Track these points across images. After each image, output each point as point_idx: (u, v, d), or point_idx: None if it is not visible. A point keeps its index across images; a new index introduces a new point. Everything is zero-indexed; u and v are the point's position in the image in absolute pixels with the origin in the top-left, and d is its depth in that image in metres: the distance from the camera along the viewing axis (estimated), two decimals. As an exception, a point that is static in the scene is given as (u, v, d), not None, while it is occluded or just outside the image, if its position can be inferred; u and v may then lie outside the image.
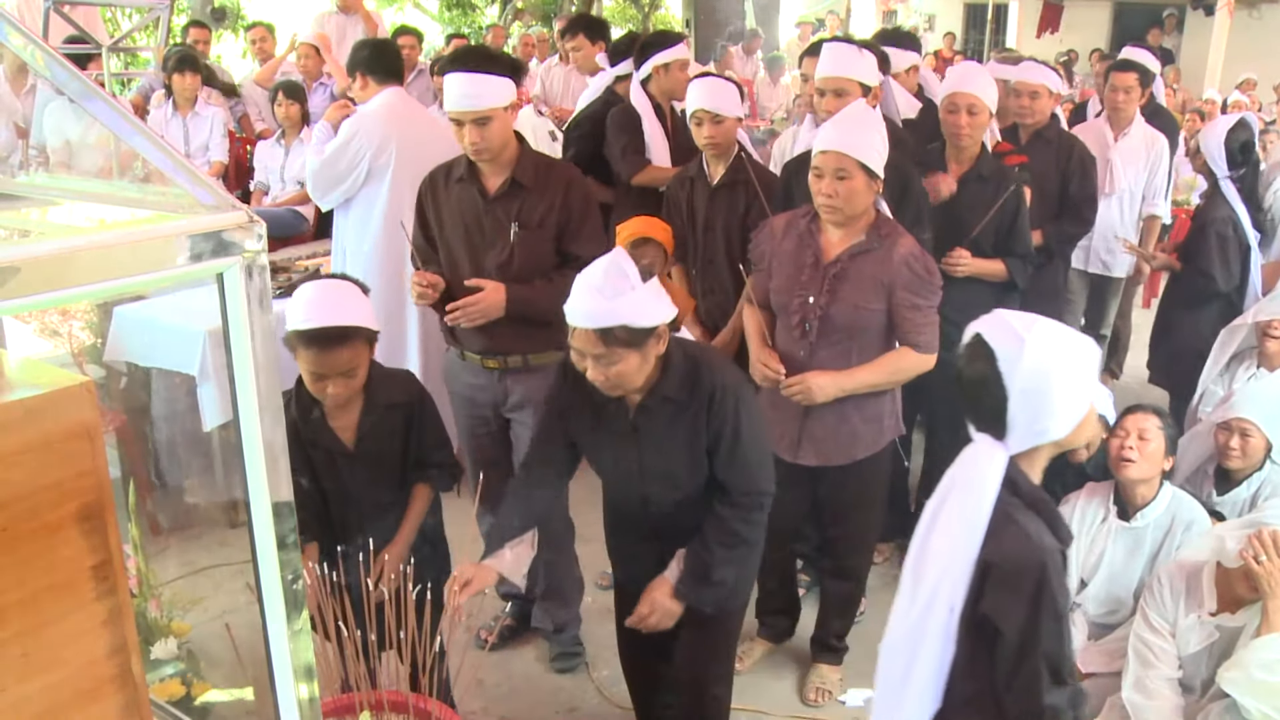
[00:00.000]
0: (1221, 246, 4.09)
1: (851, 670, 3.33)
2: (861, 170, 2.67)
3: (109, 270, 0.89)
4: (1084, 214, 4.09)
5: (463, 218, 2.95)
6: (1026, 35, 15.16)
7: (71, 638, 1.08)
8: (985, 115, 3.50)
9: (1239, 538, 2.66)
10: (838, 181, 2.67)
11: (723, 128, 3.47)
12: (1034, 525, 1.73)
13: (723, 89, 3.52)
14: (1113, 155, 4.62)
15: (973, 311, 3.47)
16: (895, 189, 3.21)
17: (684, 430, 2.32)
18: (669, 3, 18.12)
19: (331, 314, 2.37)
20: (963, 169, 3.56)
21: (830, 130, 2.73)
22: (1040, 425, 1.74)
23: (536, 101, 7.80)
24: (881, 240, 2.75)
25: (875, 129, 2.73)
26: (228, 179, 6.15)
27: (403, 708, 2.10)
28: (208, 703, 2.17)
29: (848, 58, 3.29)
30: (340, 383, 2.42)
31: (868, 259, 2.75)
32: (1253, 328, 3.73)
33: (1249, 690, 2.44)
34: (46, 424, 1.03)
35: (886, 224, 2.80)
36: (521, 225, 2.89)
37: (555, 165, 3.10)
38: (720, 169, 3.55)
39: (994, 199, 3.48)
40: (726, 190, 3.53)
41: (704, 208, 3.57)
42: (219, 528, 3.94)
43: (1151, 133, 4.76)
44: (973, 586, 1.71)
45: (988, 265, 3.53)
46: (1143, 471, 3.00)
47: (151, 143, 0.99)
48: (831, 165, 2.68)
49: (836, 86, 3.25)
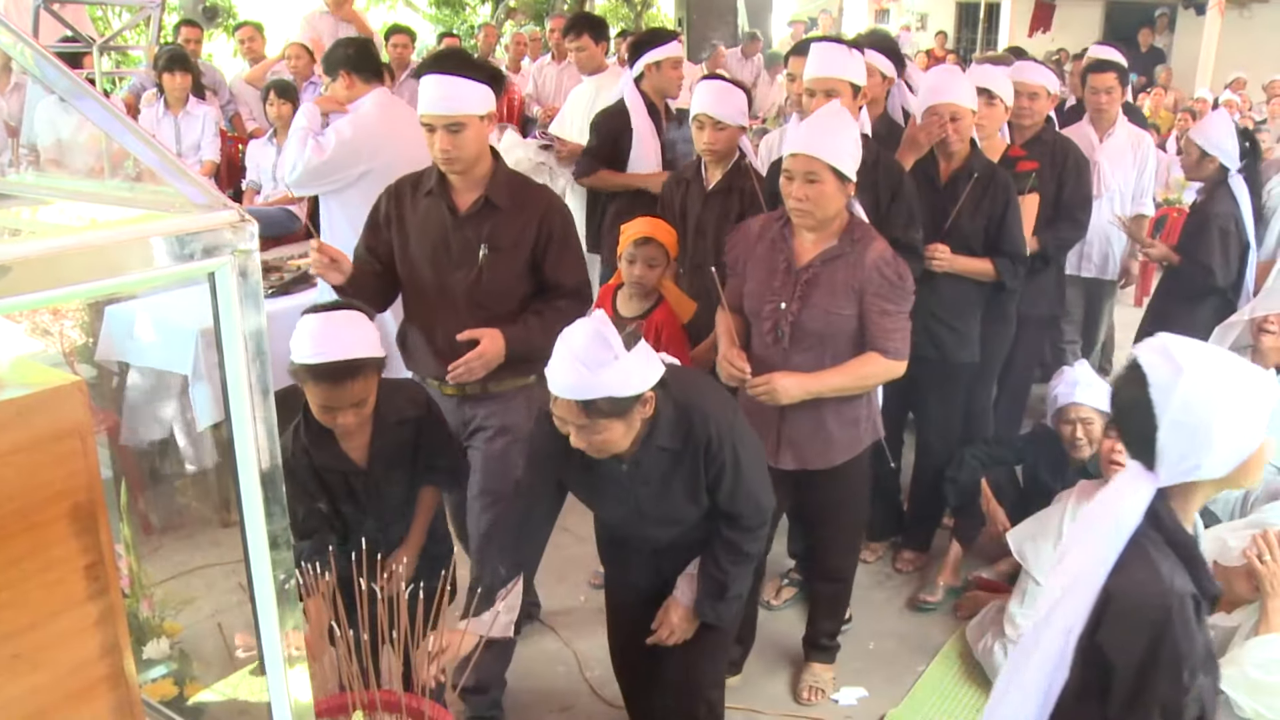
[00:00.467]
0: (1224, 241, 4.10)
1: (844, 669, 3.33)
2: (832, 174, 2.63)
3: (100, 269, 0.89)
4: (1079, 218, 4.09)
5: (429, 234, 2.80)
6: (1018, 34, 15.17)
7: (63, 638, 1.08)
8: (968, 118, 3.46)
9: (1242, 537, 2.68)
10: (808, 185, 2.63)
11: (724, 134, 3.41)
12: (1167, 564, 1.62)
13: (728, 95, 3.45)
14: (1099, 157, 4.59)
15: (963, 311, 3.54)
16: (887, 188, 3.20)
17: (681, 476, 2.31)
18: (661, 2, 18.11)
19: (339, 347, 2.32)
20: (953, 166, 3.53)
21: (801, 133, 2.70)
22: (1192, 461, 1.62)
23: (529, 101, 7.80)
24: (854, 244, 2.71)
25: (847, 131, 2.69)
26: (219, 178, 6.14)
27: (395, 707, 2.10)
28: (200, 703, 2.17)
29: (837, 58, 3.24)
30: (351, 413, 2.40)
31: (840, 264, 2.71)
32: (1247, 325, 3.73)
33: (1244, 688, 2.45)
34: (38, 424, 1.03)
35: (859, 227, 2.77)
36: (492, 247, 2.75)
37: (532, 186, 2.95)
38: (717, 174, 3.50)
39: (982, 196, 3.45)
40: (721, 195, 3.47)
41: (696, 211, 3.51)
42: (211, 527, 3.93)
43: (1137, 132, 4.74)
44: (1093, 614, 1.64)
45: (975, 264, 3.49)
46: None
47: (143, 142, 0.98)
48: (801, 168, 2.64)
49: (826, 87, 3.20)
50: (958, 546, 3.79)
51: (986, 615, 3.41)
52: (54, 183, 1.23)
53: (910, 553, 3.94)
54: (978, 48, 14.78)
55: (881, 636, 3.52)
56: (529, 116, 7.58)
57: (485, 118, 2.72)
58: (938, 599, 3.68)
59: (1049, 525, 3.23)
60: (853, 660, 3.38)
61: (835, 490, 2.97)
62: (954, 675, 3.32)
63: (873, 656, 3.42)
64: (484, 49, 9.64)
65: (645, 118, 4.23)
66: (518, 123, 7.05)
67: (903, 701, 3.19)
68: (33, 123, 5.25)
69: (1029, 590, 3.21)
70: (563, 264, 2.82)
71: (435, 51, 2.87)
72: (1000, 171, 3.55)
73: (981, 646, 3.29)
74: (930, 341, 3.50)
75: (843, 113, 2.79)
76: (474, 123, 2.68)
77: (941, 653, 3.42)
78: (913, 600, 3.72)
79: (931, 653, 3.43)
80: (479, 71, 2.72)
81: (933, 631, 3.55)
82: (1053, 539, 3.19)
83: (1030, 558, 3.22)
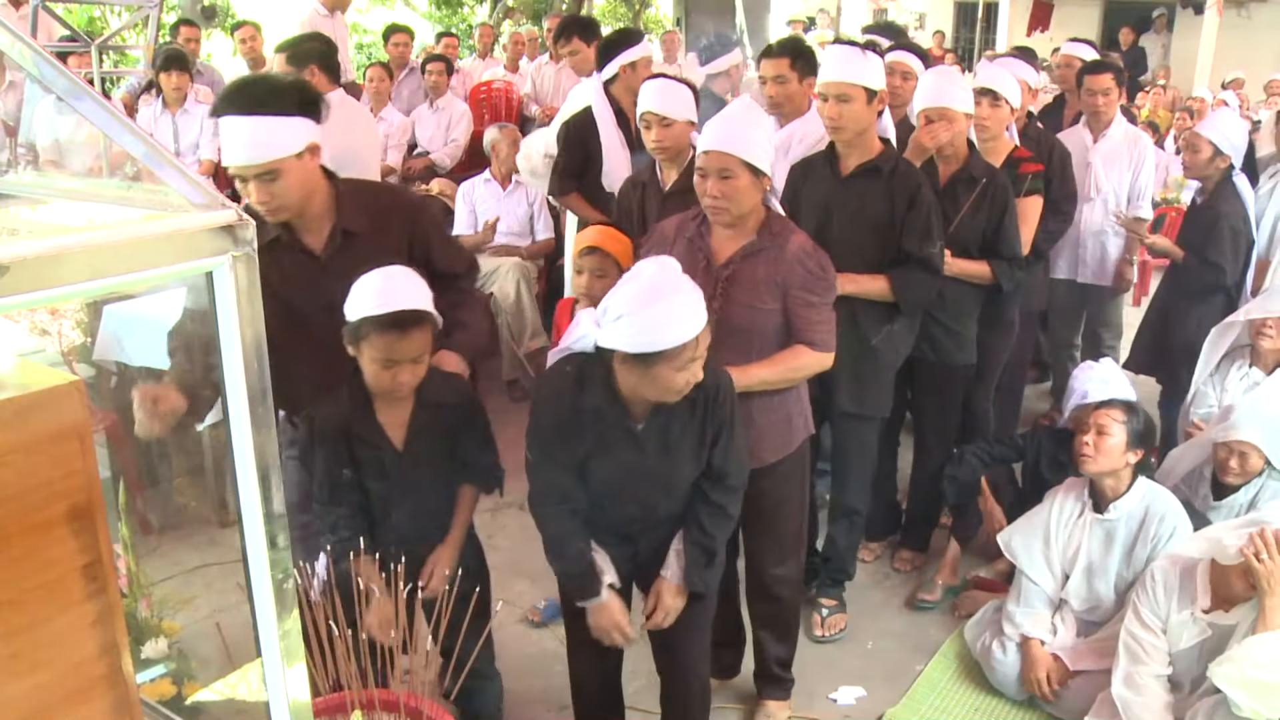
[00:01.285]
0: (1234, 240, 4.12)
1: (842, 669, 3.34)
2: (746, 168, 2.57)
3: (99, 269, 0.89)
4: (1065, 210, 4.13)
5: (290, 286, 2.44)
6: (1017, 34, 15.16)
7: (61, 637, 1.08)
8: (961, 122, 3.42)
9: (1239, 535, 2.69)
10: (722, 181, 2.57)
11: (671, 131, 3.34)
12: None
13: (672, 91, 3.37)
14: (1093, 158, 4.55)
15: (959, 314, 3.52)
16: (904, 196, 3.11)
17: (691, 432, 2.35)
18: (659, 1, 18.12)
19: (403, 298, 2.30)
20: (951, 169, 3.48)
21: (712, 129, 2.64)
22: None
23: (527, 101, 7.80)
24: (773, 239, 2.65)
25: (758, 125, 2.63)
26: (217, 177, 6.13)
27: (394, 707, 2.10)
28: (198, 702, 2.17)
29: (851, 61, 3.09)
30: (409, 370, 2.37)
31: (759, 259, 2.64)
32: (1246, 326, 3.73)
33: (1241, 686, 2.46)
34: (36, 424, 1.03)
35: (778, 222, 2.70)
36: None
37: (385, 197, 2.72)
38: (673, 174, 3.40)
39: (980, 199, 3.41)
40: (679, 197, 3.26)
41: (655, 215, 3.34)
42: (209, 527, 3.93)
43: (1134, 132, 4.68)
44: None
45: (971, 266, 3.44)
46: (1100, 466, 3.07)
47: (141, 141, 0.98)
48: (715, 165, 2.57)
49: (839, 92, 3.07)
50: (956, 546, 3.80)
51: (985, 614, 3.41)
52: (52, 182, 1.23)
53: (908, 552, 3.93)
54: (976, 47, 14.76)
55: (880, 636, 3.53)
56: (527, 116, 7.58)
57: (305, 153, 2.38)
58: (936, 598, 3.69)
59: (1037, 522, 3.24)
60: (851, 659, 3.39)
61: (768, 491, 2.78)
62: (952, 674, 3.32)
63: (871, 656, 3.43)
64: (481, 49, 9.63)
65: (613, 128, 4.12)
66: (516, 122, 7.05)
67: (901, 701, 3.19)
68: (31, 122, 5.25)
69: (1024, 588, 3.21)
70: (447, 253, 2.75)
71: (233, 85, 2.50)
72: (999, 175, 3.51)
73: (980, 645, 3.30)
74: (928, 344, 3.49)
75: (753, 107, 2.71)
76: (291, 165, 2.35)
77: (940, 652, 3.43)
78: (911, 599, 3.72)
79: (930, 652, 3.43)
80: (285, 101, 2.34)
81: (931, 631, 3.56)
82: (1041, 536, 3.21)
83: (1021, 556, 3.23)
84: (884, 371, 3.29)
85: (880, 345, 3.20)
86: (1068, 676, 3.09)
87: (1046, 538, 3.20)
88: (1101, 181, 4.56)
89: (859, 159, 3.16)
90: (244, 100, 2.32)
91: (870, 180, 3.15)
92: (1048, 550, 3.20)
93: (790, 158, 3.56)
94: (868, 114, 3.10)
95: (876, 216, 3.12)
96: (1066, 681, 3.08)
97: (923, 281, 3.14)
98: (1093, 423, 3.10)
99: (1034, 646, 3.14)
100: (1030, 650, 3.14)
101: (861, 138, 3.13)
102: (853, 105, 3.06)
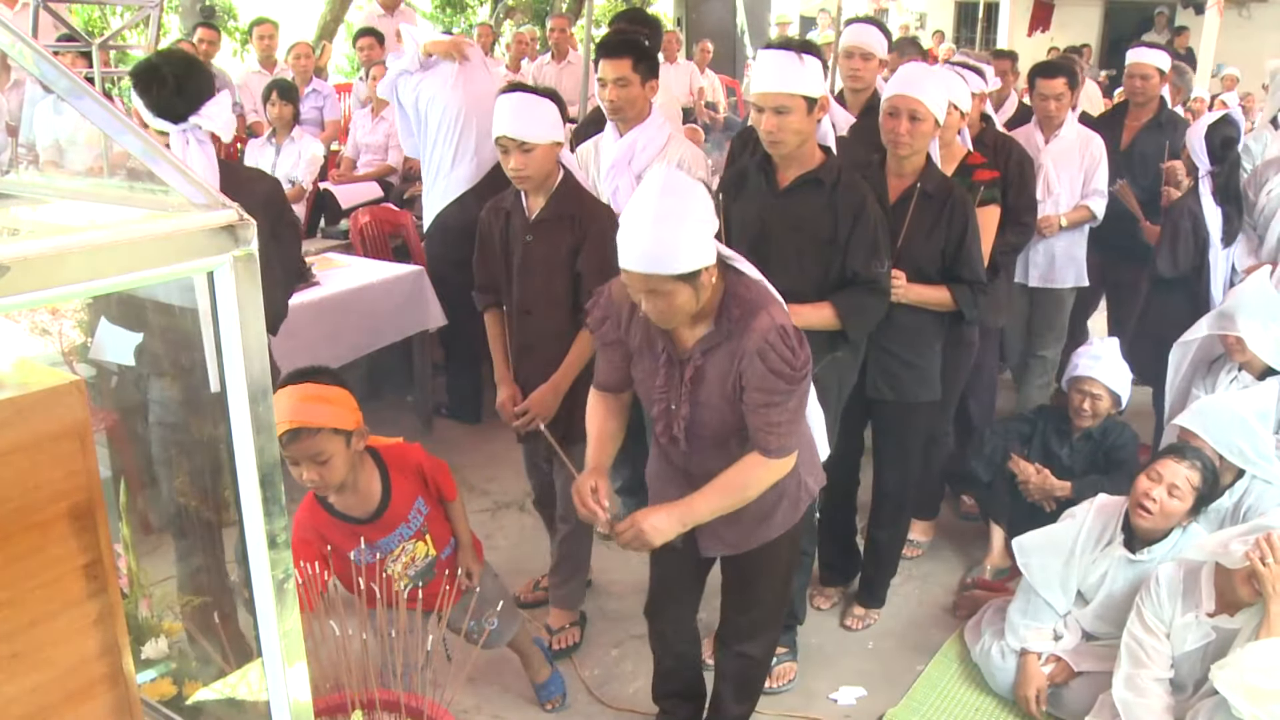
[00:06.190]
0: (1172, 234, 4.17)
1: (842, 668, 3.34)
2: (676, 280, 2.13)
3: (99, 269, 0.89)
4: (1025, 220, 3.89)
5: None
6: (1018, 34, 15.16)
7: (62, 637, 1.08)
8: (930, 124, 3.02)
9: (1245, 540, 2.69)
10: (657, 297, 2.18)
11: (533, 157, 2.89)
12: None
13: (532, 109, 2.90)
14: (1044, 159, 4.35)
15: (920, 346, 3.26)
16: (848, 212, 2.81)
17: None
18: (659, 2, 18.11)
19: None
20: (904, 183, 3.10)
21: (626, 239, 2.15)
22: None
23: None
24: (732, 327, 2.25)
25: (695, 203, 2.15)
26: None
27: (394, 706, 2.10)
28: (198, 702, 2.17)
29: (787, 68, 2.72)
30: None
31: (721, 353, 2.27)
32: (1219, 337, 3.69)
33: (1241, 691, 2.45)
34: (37, 423, 1.03)
35: (737, 303, 2.26)
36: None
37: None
38: (540, 200, 3.00)
39: (937, 217, 3.06)
40: (548, 225, 2.99)
41: (519, 248, 3.04)
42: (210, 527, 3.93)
43: (1086, 133, 4.46)
44: None
45: (931, 294, 3.08)
46: (1155, 525, 3.00)
47: (142, 141, 0.98)
48: (640, 286, 2.17)
49: (776, 104, 2.72)
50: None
51: (984, 615, 3.41)
52: (53, 182, 1.23)
53: (862, 609, 3.58)
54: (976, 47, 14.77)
55: (880, 636, 3.53)
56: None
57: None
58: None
59: (1060, 542, 3.14)
60: (851, 659, 3.39)
61: (755, 563, 2.59)
62: (953, 675, 3.33)
63: (871, 656, 3.43)
64: (482, 49, 9.62)
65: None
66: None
67: (901, 701, 3.19)
68: (31, 122, 5.25)
69: (1033, 601, 3.16)
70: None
71: None
72: (956, 188, 3.13)
73: (980, 647, 3.29)
74: (885, 381, 3.19)
75: (690, 183, 2.19)
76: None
77: (940, 652, 3.43)
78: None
79: (930, 652, 3.43)
80: None
81: (931, 631, 3.56)
82: (1061, 557, 3.13)
83: (1036, 573, 3.15)
84: (827, 407, 2.77)
85: (822, 374, 2.82)
86: (1070, 677, 3.09)
87: (1067, 559, 3.11)
88: (1054, 183, 4.38)
89: (798, 170, 2.84)
90: None
91: (811, 193, 2.83)
92: (1065, 571, 3.11)
93: (634, 168, 3.35)
94: (808, 124, 2.77)
95: (818, 232, 2.81)
96: (1068, 681, 3.08)
97: (871, 307, 2.88)
98: (1168, 477, 2.97)
99: (1030, 662, 3.11)
100: (1026, 666, 3.11)
101: (801, 149, 2.81)
102: (791, 117, 2.72)
